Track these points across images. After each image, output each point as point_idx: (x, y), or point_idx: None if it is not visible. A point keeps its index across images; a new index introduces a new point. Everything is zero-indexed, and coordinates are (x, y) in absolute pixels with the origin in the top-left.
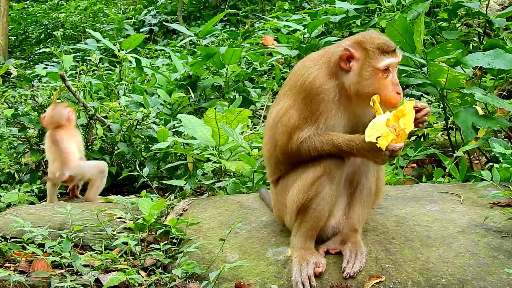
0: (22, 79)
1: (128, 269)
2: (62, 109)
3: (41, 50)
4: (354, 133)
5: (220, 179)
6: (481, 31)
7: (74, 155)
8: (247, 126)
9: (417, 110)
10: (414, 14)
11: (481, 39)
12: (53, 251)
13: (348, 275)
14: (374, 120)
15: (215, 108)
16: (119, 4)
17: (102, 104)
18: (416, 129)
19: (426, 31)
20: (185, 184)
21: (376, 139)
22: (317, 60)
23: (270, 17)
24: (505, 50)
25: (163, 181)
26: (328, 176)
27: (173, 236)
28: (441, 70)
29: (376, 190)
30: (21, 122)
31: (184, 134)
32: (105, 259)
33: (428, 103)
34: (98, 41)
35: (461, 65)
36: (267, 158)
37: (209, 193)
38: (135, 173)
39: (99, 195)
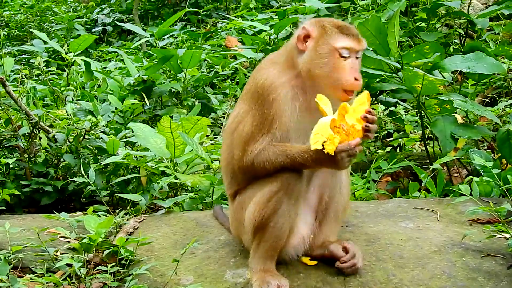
0: None
1: None
2: None
3: None
4: None
5: (177, 194)
6: (463, 33)
7: None
8: (207, 135)
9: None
10: (390, 13)
11: (462, 41)
12: None
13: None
14: (316, 125)
15: (171, 117)
16: (69, 2)
17: (48, 112)
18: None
19: (402, 32)
20: (141, 199)
21: (323, 145)
22: (272, 58)
23: (235, 16)
24: (486, 53)
25: (116, 194)
26: (286, 191)
27: (122, 257)
28: (416, 75)
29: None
30: None
31: (138, 145)
32: (47, 283)
33: (405, 111)
34: (45, 42)
35: (439, 69)
36: (225, 168)
37: (166, 208)
38: (82, 180)
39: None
